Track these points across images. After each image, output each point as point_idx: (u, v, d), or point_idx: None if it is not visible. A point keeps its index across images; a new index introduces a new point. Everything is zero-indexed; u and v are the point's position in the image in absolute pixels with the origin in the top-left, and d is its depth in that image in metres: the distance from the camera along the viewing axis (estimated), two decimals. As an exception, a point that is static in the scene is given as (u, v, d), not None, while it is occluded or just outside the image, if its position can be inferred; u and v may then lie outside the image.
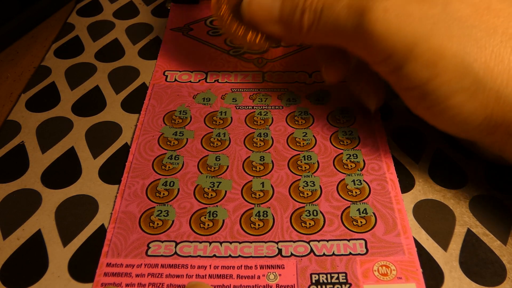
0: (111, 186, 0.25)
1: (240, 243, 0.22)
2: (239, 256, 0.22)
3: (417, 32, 0.20)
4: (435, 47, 0.20)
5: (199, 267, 0.22)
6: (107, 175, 0.26)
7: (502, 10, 0.20)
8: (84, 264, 0.22)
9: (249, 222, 0.23)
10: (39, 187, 0.25)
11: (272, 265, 0.22)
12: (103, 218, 0.24)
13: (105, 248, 0.22)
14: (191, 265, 0.22)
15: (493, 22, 0.20)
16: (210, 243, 0.22)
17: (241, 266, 0.22)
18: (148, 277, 0.21)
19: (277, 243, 0.22)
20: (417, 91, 0.21)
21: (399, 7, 0.20)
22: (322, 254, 0.22)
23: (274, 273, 0.21)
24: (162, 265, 0.22)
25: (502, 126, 0.20)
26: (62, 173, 0.26)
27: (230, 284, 0.21)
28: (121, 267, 0.22)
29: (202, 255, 0.22)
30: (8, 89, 0.32)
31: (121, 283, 0.21)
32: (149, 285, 0.21)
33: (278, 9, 0.25)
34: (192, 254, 0.22)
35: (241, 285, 0.21)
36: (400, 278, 0.21)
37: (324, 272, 0.21)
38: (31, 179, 0.26)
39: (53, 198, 0.25)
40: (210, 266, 0.22)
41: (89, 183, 0.25)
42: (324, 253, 0.22)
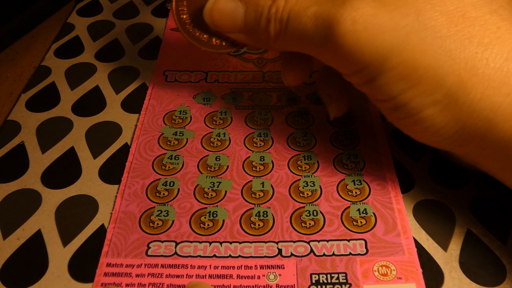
0: (111, 186, 0.25)
1: (240, 243, 0.22)
2: (239, 256, 0.22)
3: (389, 44, 0.19)
4: (408, 60, 0.19)
5: (199, 267, 0.22)
6: (107, 175, 0.26)
7: (478, 18, 0.19)
8: (84, 264, 0.22)
9: (249, 222, 0.23)
10: (39, 187, 0.25)
11: (272, 265, 0.22)
12: (103, 218, 0.24)
13: (105, 248, 0.22)
14: (191, 265, 0.22)
15: (468, 31, 0.19)
16: (210, 243, 0.22)
17: (241, 266, 0.22)
18: (148, 277, 0.21)
19: (277, 243, 0.22)
20: (390, 103, 0.20)
21: (369, 18, 0.19)
22: (322, 254, 0.22)
23: (274, 273, 0.21)
24: (162, 265, 0.22)
25: (475, 140, 0.19)
26: (62, 173, 0.26)
27: (230, 284, 0.21)
28: (121, 267, 0.22)
29: (202, 255, 0.22)
30: (8, 89, 0.32)
31: (121, 283, 0.21)
32: (149, 285, 0.21)
33: (242, 18, 0.23)
34: (192, 254, 0.22)
35: (241, 285, 0.21)
36: (400, 278, 0.21)
37: (324, 272, 0.21)
38: (31, 179, 0.26)
39: (53, 198, 0.25)
40: (210, 266, 0.22)
41: (89, 183, 0.25)
42: (324, 253, 0.22)
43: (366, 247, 0.22)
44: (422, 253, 0.22)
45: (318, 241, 0.22)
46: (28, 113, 0.30)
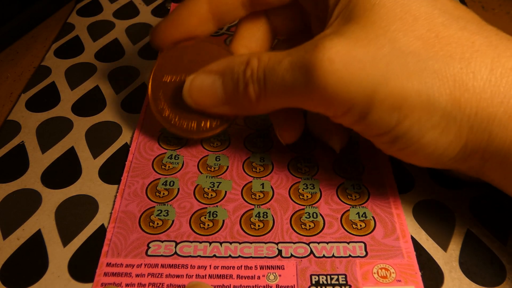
0: (111, 186, 0.25)
1: (240, 244, 0.22)
2: (239, 257, 0.22)
3: (373, 77, 0.18)
4: (396, 89, 0.18)
5: (199, 267, 0.22)
6: (107, 175, 0.26)
7: (451, 36, 0.19)
8: (84, 264, 0.22)
9: (249, 223, 0.23)
10: (39, 187, 0.25)
11: (272, 266, 0.22)
12: (103, 218, 0.24)
13: (105, 248, 0.22)
14: (191, 265, 0.22)
15: (447, 50, 0.18)
16: (210, 243, 0.22)
17: (241, 267, 0.22)
18: (148, 277, 0.21)
19: (277, 244, 0.22)
20: (387, 137, 0.20)
21: (345, 55, 0.18)
22: (322, 256, 0.22)
23: (274, 274, 0.21)
24: (162, 265, 0.22)
25: (478, 153, 0.19)
26: (62, 173, 0.26)
27: (230, 284, 0.21)
28: (121, 267, 0.22)
29: (202, 255, 0.22)
30: (8, 89, 0.32)
31: (121, 283, 0.21)
32: (149, 285, 0.21)
33: (221, 89, 0.23)
34: (192, 254, 0.22)
35: (241, 285, 0.21)
36: (400, 281, 0.21)
37: (324, 274, 0.21)
38: (31, 179, 0.26)
39: (53, 198, 0.25)
40: (210, 266, 0.22)
41: (89, 183, 0.25)
42: (324, 255, 0.22)
43: (366, 250, 0.22)
44: (422, 254, 0.22)
45: (318, 243, 0.22)
46: (28, 113, 0.30)
